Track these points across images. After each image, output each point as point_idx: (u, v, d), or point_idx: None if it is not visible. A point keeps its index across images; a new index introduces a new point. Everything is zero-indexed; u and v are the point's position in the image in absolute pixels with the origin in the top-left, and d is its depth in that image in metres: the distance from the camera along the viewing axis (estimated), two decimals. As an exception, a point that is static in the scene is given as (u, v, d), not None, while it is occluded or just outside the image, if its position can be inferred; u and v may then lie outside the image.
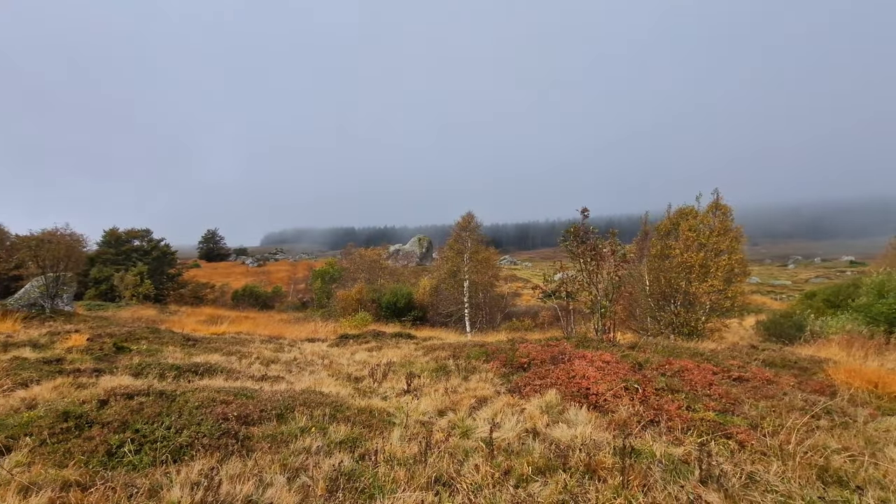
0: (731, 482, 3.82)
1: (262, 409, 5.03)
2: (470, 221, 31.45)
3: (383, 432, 4.90)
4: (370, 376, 8.09)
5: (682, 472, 4.00)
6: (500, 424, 5.19)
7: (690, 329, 17.35)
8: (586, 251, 9.42)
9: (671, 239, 18.13)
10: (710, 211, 17.06)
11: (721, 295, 17.47)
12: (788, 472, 4.04)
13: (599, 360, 6.81)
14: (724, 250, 16.54)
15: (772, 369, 7.02)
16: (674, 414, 5.23)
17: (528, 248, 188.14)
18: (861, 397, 5.84)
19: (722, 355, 7.90)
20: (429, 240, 77.47)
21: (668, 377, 6.33)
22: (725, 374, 6.60)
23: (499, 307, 34.58)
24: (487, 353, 9.22)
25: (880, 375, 6.19)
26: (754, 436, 4.66)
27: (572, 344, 8.65)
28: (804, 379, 6.46)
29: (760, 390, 6.02)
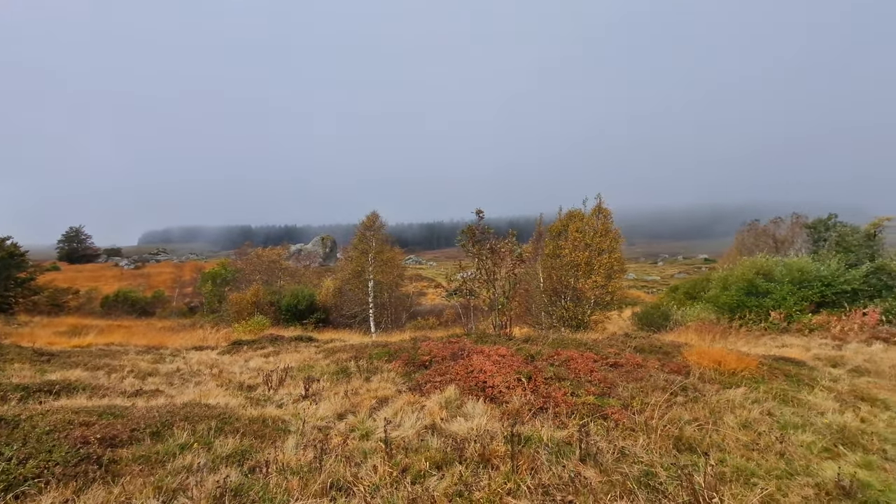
0: (606, 458, 4.26)
1: (133, 427, 4.49)
2: (374, 221, 31.12)
3: (277, 441, 4.66)
4: (265, 383, 7.63)
5: (566, 452, 4.37)
6: (400, 423, 5.22)
7: (578, 322, 18.97)
8: (483, 251, 9.85)
9: (562, 239, 19.64)
10: (594, 214, 18.82)
11: (603, 290, 19.34)
12: (651, 444, 4.61)
13: (496, 354, 7.17)
14: (606, 249, 18.34)
15: (641, 355, 7.95)
16: (560, 400, 5.68)
17: (434, 248, 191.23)
18: (708, 375, 6.88)
19: (602, 344, 8.77)
20: (332, 239, 75.14)
21: (556, 367, 6.86)
22: (604, 361, 7.33)
23: (404, 307, 34.68)
24: (390, 352, 9.20)
25: (723, 355, 7.35)
26: (625, 414, 5.25)
27: (472, 340, 8.98)
28: (666, 362, 7.42)
29: (632, 374, 6.79)
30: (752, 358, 7.59)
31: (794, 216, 25.58)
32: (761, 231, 27.16)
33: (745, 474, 4.04)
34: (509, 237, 10.56)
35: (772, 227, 26.65)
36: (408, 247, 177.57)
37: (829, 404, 6.15)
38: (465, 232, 10.23)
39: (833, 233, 19.46)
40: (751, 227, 28.53)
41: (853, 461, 4.62)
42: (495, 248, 9.80)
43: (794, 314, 16.72)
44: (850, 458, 4.68)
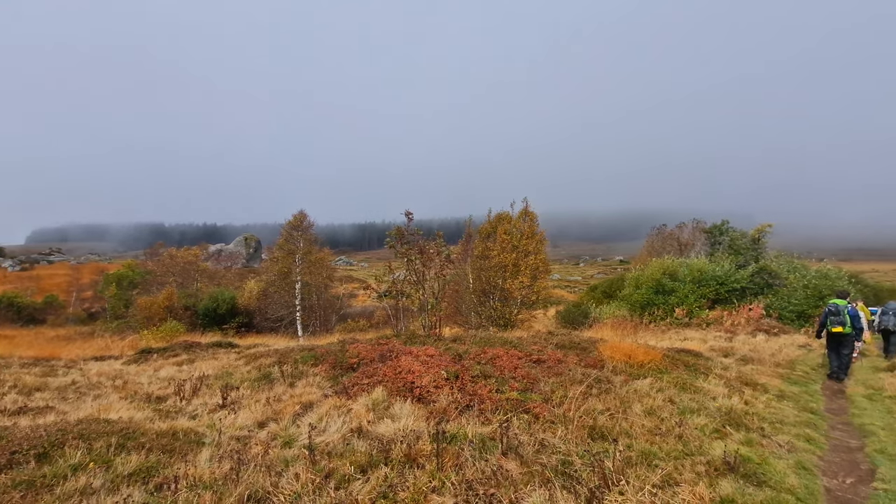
0: (527, 450, 4.46)
1: (13, 450, 3.98)
2: (302, 220, 30.04)
3: (188, 455, 4.35)
4: (177, 394, 7.09)
5: (490, 447, 4.51)
6: (325, 428, 5.09)
7: (506, 321, 19.62)
8: (411, 252, 9.90)
9: (490, 241, 20.22)
10: (521, 217, 19.58)
11: (529, 290, 20.17)
12: (569, 435, 4.90)
13: (424, 354, 7.22)
14: (532, 251, 19.15)
15: (562, 351, 8.41)
16: (486, 397, 5.85)
17: (366, 249, 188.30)
18: (620, 367, 7.43)
19: (526, 342, 9.15)
20: (257, 239, 71.42)
21: (482, 365, 7.05)
22: (528, 358, 7.66)
23: (334, 309, 33.80)
24: (317, 356, 8.94)
25: (632, 349, 7.99)
26: (546, 408, 5.53)
27: (401, 341, 8.98)
28: (584, 357, 7.92)
29: (553, 369, 7.16)
30: (657, 351, 8.32)
31: (694, 222, 28.40)
32: (668, 235, 29.84)
33: (649, 457, 4.43)
34: (437, 238, 10.69)
35: (677, 231, 29.39)
36: (339, 248, 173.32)
37: (720, 390, 6.90)
38: (393, 233, 10.21)
39: (726, 237, 21.84)
40: (659, 231, 31.25)
41: (738, 439, 5.23)
42: (424, 249, 9.88)
43: (694, 310, 18.54)
44: (735, 436, 5.29)
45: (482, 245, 20.85)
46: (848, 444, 5.79)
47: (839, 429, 6.46)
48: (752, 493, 3.96)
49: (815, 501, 4.15)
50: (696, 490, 3.73)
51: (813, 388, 8.72)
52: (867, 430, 6.29)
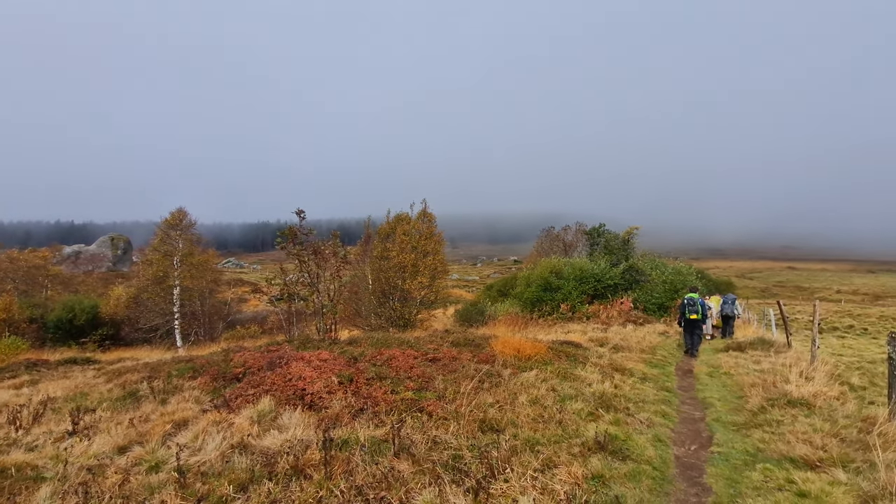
0: (420, 449, 4.50)
1: None
2: (181, 218, 27.15)
3: (22, 495, 3.68)
4: (11, 423, 5.95)
5: (383, 449, 4.47)
6: (201, 447, 4.64)
7: (405, 321, 19.69)
8: (304, 252, 9.47)
9: (390, 242, 20.15)
10: (420, 218, 19.82)
11: (429, 290, 20.48)
12: (461, 430, 5.05)
13: (317, 359, 6.95)
14: (430, 252, 19.48)
15: (457, 348, 8.66)
16: (380, 399, 5.80)
17: (259, 250, 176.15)
18: (509, 361, 7.87)
19: (423, 341, 9.27)
20: (126, 240, 63.00)
21: (378, 366, 6.98)
22: (424, 357, 7.75)
23: (220, 315, 31.08)
24: (195, 367, 8.13)
25: (521, 344, 8.51)
26: (440, 405, 5.63)
27: (293, 346, 8.54)
28: (477, 353, 8.24)
29: (448, 366, 7.33)
30: (543, 344, 8.96)
31: (577, 224, 31.23)
32: (555, 236, 32.43)
33: (533, 444, 4.73)
34: (333, 239, 10.36)
35: (562, 233, 32.06)
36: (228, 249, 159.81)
37: (595, 376, 7.62)
38: (284, 233, 9.67)
39: (602, 238, 24.31)
40: (547, 232, 33.83)
41: (608, 420, 5.81)
42: (318, 249, 9.50)
43: (577, 305, 20.31)
44: (606, 417, 5.88)
45: (381, 246, 20.69)
46: (693, 416, 6.76)
47: (687, 403, 7.50)
48: (618, 467, 4.43)
49: (667, 468, 4.77)
50: (571, 470, 4.07)
51: (669, 370, 10.03)
52: (707, 402, 7.40)
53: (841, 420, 5.89)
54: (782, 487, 4.27)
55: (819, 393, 6.95)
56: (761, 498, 4.08)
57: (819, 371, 8.23)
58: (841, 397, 7.00)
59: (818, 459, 4.75)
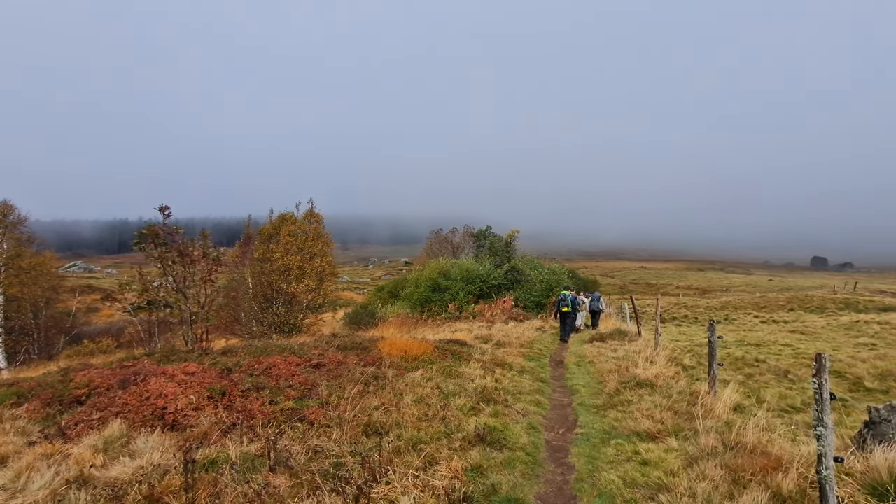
0: (299, 460, 4.29)
1: None
2: (6, 214, 22.50)
3: None
4: None
5: (257, 465, 4.18)
6: (24, 486, 3.88)
7: (291, 326, 18.65)
8: (165, 254, 8.46)
9: (273, 243, 18.94)
10: (307, 218, 18.95)
11: (316, 293, 19.67)
12: (344, 435, 4.93)
13: (183, 373, 6.24)
14: (318, 253, 18.73)
15: (344, 352, 8.45)
16: (257, 411, 5.41)
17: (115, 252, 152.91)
18: (396, 362, 7.89)
19: (307, 347, 8.87)
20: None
21: (256, 376, 6.52)
22: (308, 363, 7.42)
23: (62, 328, 26.37)
24: (21, 392, 6.77)
25: (408, 344, 8.60)
26: (322, 412, 5.44)
27: (154, 360, 7.57)
28: (364, 356, 8.13)
29: (333, 371, 7.12)
30: (429, 343, 9.15)
31: (465, 227, 32.53)
32: (443, 238, 33.38)
33: (416, 443, 4.80)
34: (203, 238, 9.40)
35: (451, 235, 33.13)
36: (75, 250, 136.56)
37: (477, 372, 7.99)
38: (144, 233, 8.51)
39: (487, 241, 25.63)
40: (436, 234, 34.69)
41: (488, 413, 6.13)
42: (185, 251, 8.54)
43: (464, 305, 21.12)
44: (486, 410, 6.19)
45: (264, 247, 19.34)
46: (562, 402, 7.44)
47: (558, 391, 8.24)
48: (495, 456, 4.70)
49: (539, 453, 5.18)
50: (451, 465, 4.21)
51: (544, 362, 10.91)
52: (574, 389, 8.21)
53: (675, 396, 6.94)
54: (630, 458, 4.91)
55: (660, 374, 8.12)
56: (613, 469, 4.64)
57: (660, 356, 9.64)
58: (676, 377, 8.26)
59: (657, 431, 5.54)
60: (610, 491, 4.21)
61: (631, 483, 4.34)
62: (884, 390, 9.42)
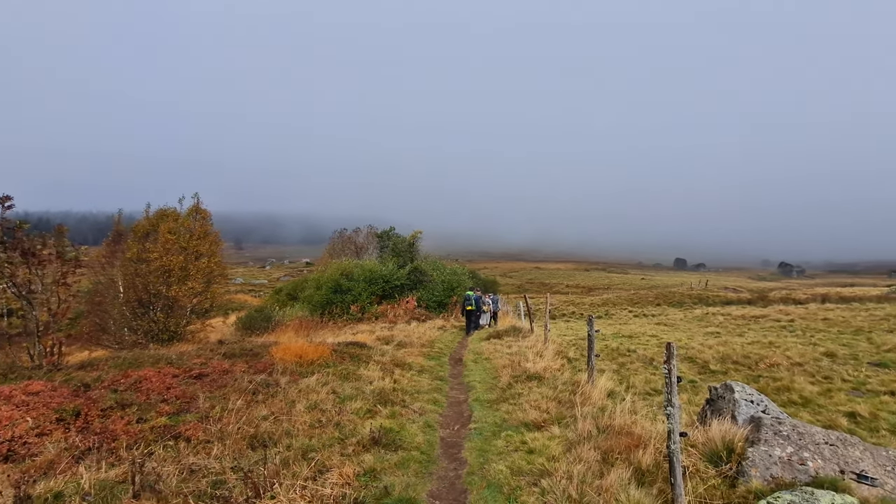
0: (170, 483, 3.88)
1: None
2: None
3: None
4: None
5: (117, 493, 3.70)
6: None
7: (171, 334, 16.82)
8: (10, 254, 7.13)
9: (150, 241, 16.94)
10: (191, 215, 17.25)
11: (202, 297, 17.99)
12: (226, 451, 4.56)
13: (23, 392, 5.30)
14: (205, 253, 17.15)
15: (231, 360, 7.83)
16: (120, 431, 4.79)
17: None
18: (290, 368, 7.51)
19: (188, 356, 8.07)
20: None
21: (121, 392, 5.77)
22: (187, 374, 6.75)
23: None
24: None
25: (303, 348, 8.23)
26: (202, 427, 4.98)
27: (-15, 380, 6.33)
28: (254, 363, 7.61)
29: (217, 381, 6.56)
30: (327, 346, 8.86)
31: (369, 227, 32.05)
32: (347, 239, 32.56)
33: (308, 451, 4.61)
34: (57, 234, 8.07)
35: (354, 235, 32.42)
36: None
37: (376, 374, 7.91)
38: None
39: (391, 241, 25.54)
40: (340, 234, 33.72)
41: (385, 414, 6.10)
42: (32, 249, 7.24)
43: (367, 306, 20.79)
44: (383, 412, 6.15)
45: (138, 246, 17.20)
46: (459, 399, 7.66)
47: (456, 388, 8.47)
48: (389, 458, 4.69)
49: (433, 450, 5.28)
50: (343, 471, 4.11)
51: (443, 361, 11.15)
52: (471, 385, 8.49)
53: (560, 387, 7.51)
54: (518, 448, 5.20)
55: (548, 367, 8.74)
56: (502, 460, 4.88)
57: (549, 350, 10.37)
58: (561, 369, 8.95)
59: (543, 421, 5.95)
60: (498, 481, 4.42)
61: (517, 471, 4.60)
62: (724, 371, 11.19)
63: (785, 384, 9.86)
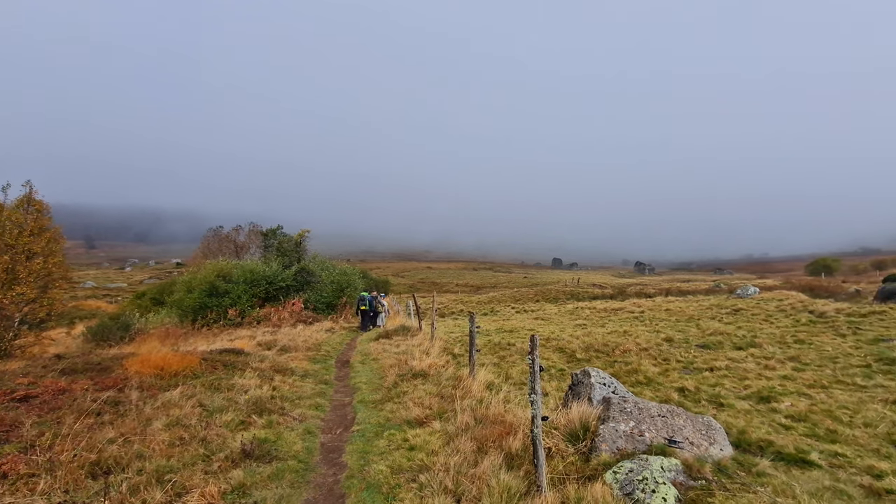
0: (-24, 529, 3.22)
1: None
2: None
3: None
4: None
5: None
6: None
7: (-9, 350, 13.86)
8: None
9: (-40, 237, 13.75)
10: (22, 206, 14.42)
11: (37, 304, 15.13)
12: (57, 484, 3.91)
13: None
14: (40, 253, 14.45)
15: (71, 377, 6.71)
16: None
17: None
18: (149, 381, 6.68)
19: (12, 375, 6.73)
20: None
21: None
22: (8, 397, 5.64)
23: None
24: None
25: (166, 359, 7.37)
26: (25, 459, 4.20)
27: None
28: (102, 379, 6.60)
29: (49, 404, 5.58)
30: (195, 356, 8.06)
31: (251, 225, 29.76)
32: (224, 237, 29.83)
33: (163, 473, 4.14)
34: None
35: (233, 233, 29.84)
36: None
37: (252, 382, 7.40)
38: None
39: (276, 240, 24.06)
40: (215, 232, 30.75)
41: (261, 424, 5.74)
42: None
43: (247, 310, 19.30)
44: (259, 422, 5.78)
45: (-59, 243, 13.87)
46: (343, 402, 7.50)
47: (341, 391, 8.28)
48: (262, 471, 4.42)
49: (312, 457, 5.10)
50: (206, 490, 3.78)
51: (329, 364, 10.82)
52: (357, 387, 8.38)
53: (444, 382, 7.76)
54: (399, 447, 5.26)
55: (433, 364, 8.97)
56: (383, 460, 4.90)
57: (435, 347, 10.65)
58: (446, 365, 9.25)
59: (425, 417, 6.10)
60: (377, 481, 4.43)
61: (398, 469, 4.66)
62: (587, 359, 12.53)
63: (634, 367, 11.38)
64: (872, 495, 5.06)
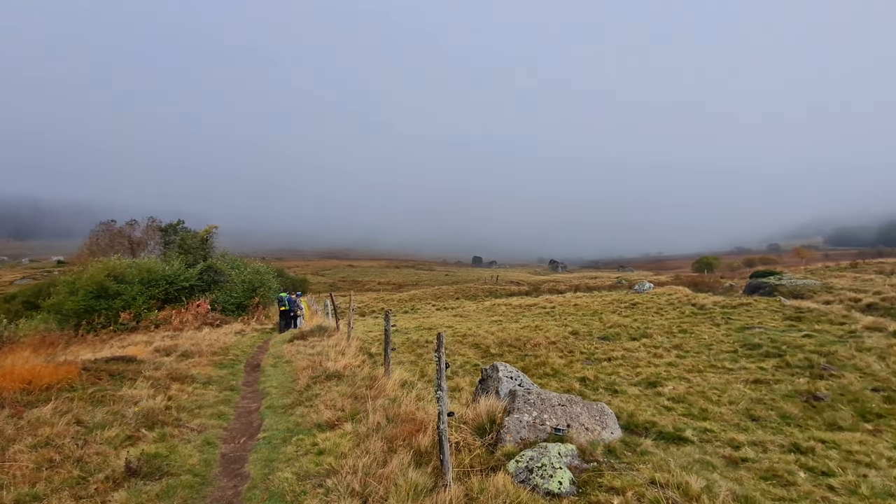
0: None
1: None
2: None
3: None
4: None
5: None
6: None
7: None
8: None
9: None
10: None
11: None
12: None
13: None
14: None
15: None
16: None
17: None
18: (12, 398, 5.84)
19: None
20: None
21: None
22: None
23: None
24: None
25: (35, 371, 6.48)
26: None
27: None
28: (-50, 398, 5.66)
29: None
30: (74, 366, 7.18)
31: (150, 219, 27.02)
32: (117, 232, 26.78)
33: (26, 502, 3.67)
34: None
35: (128, 228, 26.88)
36: None
37: (144, 392, 6.77)
38: None
39: (178, 237, 22.13)
40: (106, 227, 27.48)
41: (151, 438, 5.28)
42: None
43: (143, 313, 17.56)
44: (149, 436, 5.31)
45: None
46: (250, 408, 7.13)
47: (248, 397, 7.85)
48: (150, 489, 4.08)
49: (210, 470, 4.79)
50: (79, 515, 3.41)
51: (238, 368, 10.21)
52: (266, 391, 8.00)
53: (359, 382, 7.66)
54: (308, 452, 5.12)
55: (349, 364, 8.82)
56: (289, 467, 4.74)
57: (352, 347, 10.48)
58: (362, 365, 9.14)
59: (337, 419, 5.99)
60: (282, 490, 4.28)
61: (304, 475, 4.53)
62: (500, 354, 13.09)
63: (543, 360, 12.08)
64: (732, 464, 5.86)
